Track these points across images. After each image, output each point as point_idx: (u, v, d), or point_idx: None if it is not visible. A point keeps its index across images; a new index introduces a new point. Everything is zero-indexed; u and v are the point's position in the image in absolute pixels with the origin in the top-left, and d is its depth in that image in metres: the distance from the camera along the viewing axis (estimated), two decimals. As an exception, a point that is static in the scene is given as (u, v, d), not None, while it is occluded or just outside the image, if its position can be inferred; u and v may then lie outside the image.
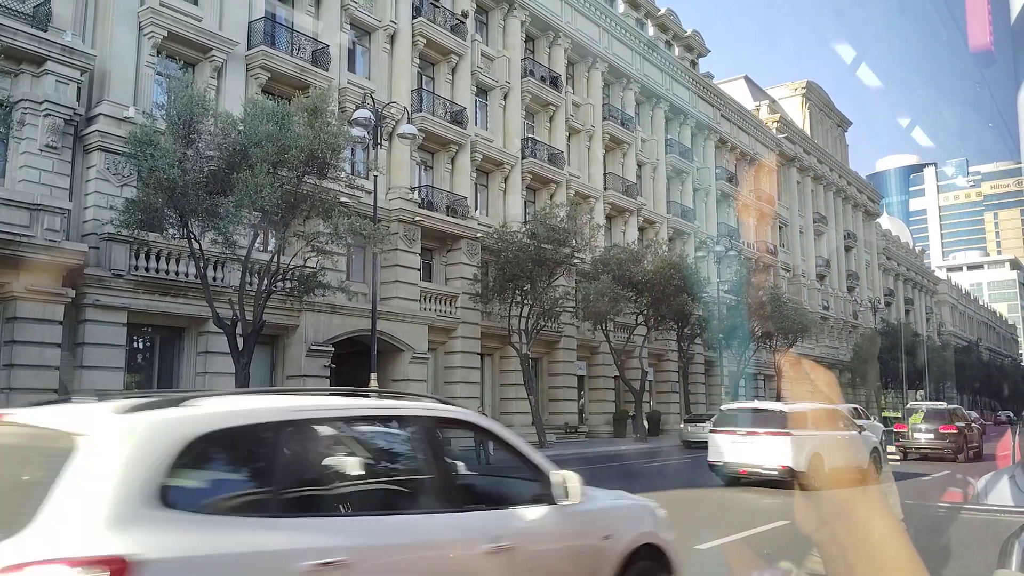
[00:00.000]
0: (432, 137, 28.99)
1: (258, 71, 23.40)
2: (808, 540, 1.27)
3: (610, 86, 41.21)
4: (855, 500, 1.27)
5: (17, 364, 17.42)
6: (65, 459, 3.09)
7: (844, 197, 69.28)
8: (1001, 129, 2.98)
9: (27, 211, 17.19)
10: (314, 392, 6.16)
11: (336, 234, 18.44)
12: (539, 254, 27.55)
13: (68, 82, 19.16)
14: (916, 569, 1.16)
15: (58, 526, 2.93)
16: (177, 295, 20.50)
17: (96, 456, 3.14)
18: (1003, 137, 3.02)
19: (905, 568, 1.14)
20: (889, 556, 1.15)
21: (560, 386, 33.69)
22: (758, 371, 48.44)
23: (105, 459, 3.15)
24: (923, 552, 1.15)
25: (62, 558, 2.83)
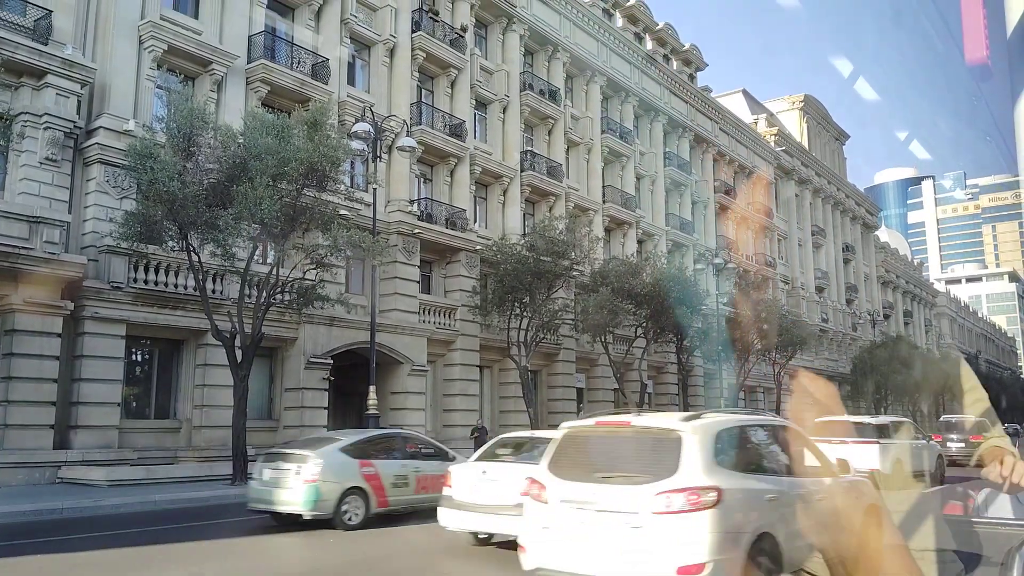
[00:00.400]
0: (431, 150, 29.06)
1: (258, 84, 23.48)
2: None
3: (609, 99, 41.37)
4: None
5: (15, 376, 17.39)
6: (677, 444, 6.47)
7: (842, 210, 69.43)
8: (998, 142, 3.00)
9: (26, 223, 17.21)
10: (751, 412, 11.06)
11: (335, 247, 18.45)
12: (538, 266, 27.56)
13: (68, 95, 19.21)
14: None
15: (687, 473, 6.27)
16: (176, 307, 20.49)
17: (689, 442, 6.48)
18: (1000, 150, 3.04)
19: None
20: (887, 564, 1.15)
21: (559, 398, 33.62)
22: (757, 384, 48.40)
23: (694, 443, 6.49)
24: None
25: (697, 486, 6.20)
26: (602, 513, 6.27)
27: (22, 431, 17.38)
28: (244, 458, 17.54)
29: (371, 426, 20.17)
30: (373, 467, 12.39)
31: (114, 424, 19.16)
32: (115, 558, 9.65)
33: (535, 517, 6.80)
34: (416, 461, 13.45)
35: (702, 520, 6.03)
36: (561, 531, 6.53)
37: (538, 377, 33.29)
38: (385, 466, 12.65)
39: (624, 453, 6.98)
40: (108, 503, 14.22)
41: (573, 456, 6.99)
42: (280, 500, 11.73)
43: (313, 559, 10.24)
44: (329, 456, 12.01)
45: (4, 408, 17.29)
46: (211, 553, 10.07)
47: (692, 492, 6.15)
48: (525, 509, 7.02)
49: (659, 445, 6.69)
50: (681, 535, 6.00)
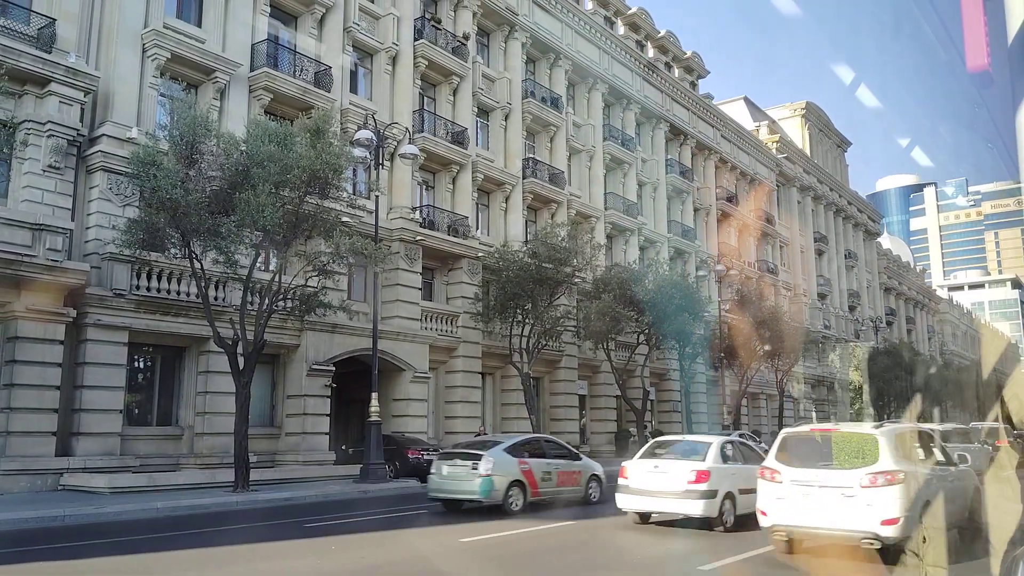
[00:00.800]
0: (433, 157, 29.11)
1: (261, 92, 23.55)
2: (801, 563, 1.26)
3: (610, 107, 41.45)
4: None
5: (18, 384, 17.40)
6: (875, 443, 9.30)
7: (845, 217, 69.42)
8: (1000, 149, 3.00)
9: (29, 231, 17.24)
10: (900, 421, 16.71)
11: (337, 254, 18.48)
12: (540, 273, 27.57)
13: (71, 103, 19.27)
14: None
15: (884, 461, 9.07)
16: (178, 315, 20.50)
17: (883, 441, 9.30)
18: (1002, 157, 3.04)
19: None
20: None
21: (561, 405, 33.58)
22: (760, 391, 48.31)
23: (885, 442, 9.29)
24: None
25: (891, 469, 9.01)
26: (824, 488, 9.34)
27: (24, 438, 17.38)
28: (246, 465, 17.52)
29: (373, 434, 20.25)
30: (528, 464, 15.07)
31: (116, 431, 19.16)
32: (116, 565, 9.63)
33: (770, 492, 9.83)
34: (556, 460, 15.98)
35: (895, 491, 8.97)
36: (792, 500, 9.53)
37: (540, 384, 33.26)
38: (535, 464, 15.29)
39: (838, 449, 9.93)
40: (110, 510, 14.21)
41: (794, 451, 10.13)
42: (461, 490, 14.58)
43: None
44: (497, 455, 14.68)
45: (7, 415, 17.29)
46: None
47: (888, 474, 9.05)
48: (760, 487, 10.01)
49: (863, 443, 9.56)
50: (882, 500, 8.94)
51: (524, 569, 9.93)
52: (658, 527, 12.63)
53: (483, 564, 10.12)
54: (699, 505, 11.68)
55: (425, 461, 22.01)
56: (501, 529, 12.53)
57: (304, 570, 9.27)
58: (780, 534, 9.88)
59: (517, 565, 10.11)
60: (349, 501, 17.46)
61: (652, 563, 10.50)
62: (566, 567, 9.95)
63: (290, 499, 17.01)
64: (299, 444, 22.46)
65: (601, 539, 11.80)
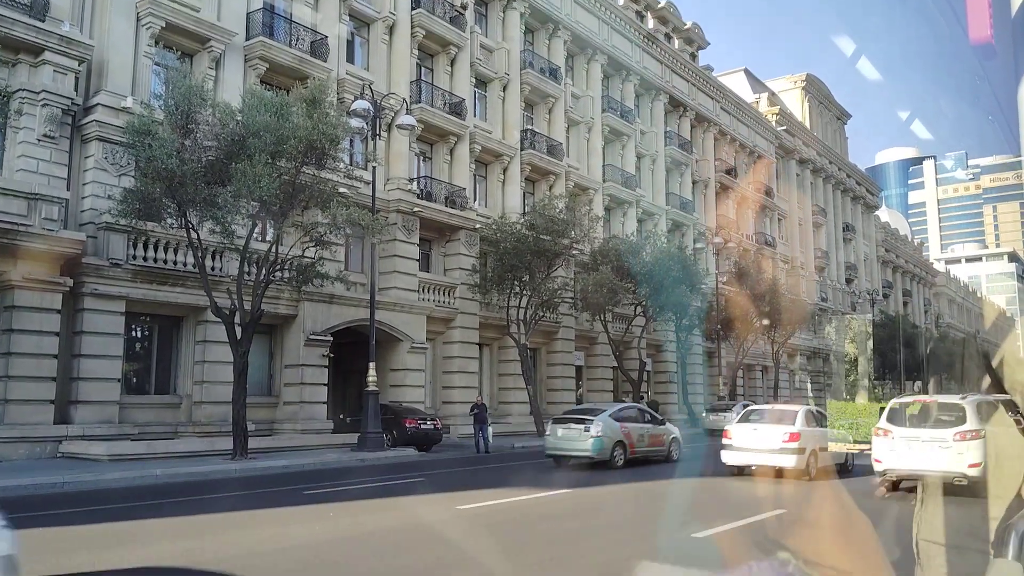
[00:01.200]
0: (431, 128, 28.93)
1: (256, 62, 23.32)
2: (802, 528, 1.28)
3: (609, 78, 41.13)
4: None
5: (15, 352, 17.44)
6: (963, 409, 12.57)
7: (843, 190, 69.28)
8: (1001, 122, 2.98)
9: (25, 200, 17.17)
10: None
11: (334, 224, 18.44)
12: (538, 245, 27.55)
13: (66, 72, 19.08)
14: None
15: (970, 423, 12.22)
16: (175, 284, 20.49)
17: (968, 408, 12.47)
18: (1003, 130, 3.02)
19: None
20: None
21: (558, 376, 33.73)
22: (756, 362, 48.53)
23: (971, 408, 12.48)
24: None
25: (975, 428, 12.15)
26: (925, 442, 12.55)
27: (23, 406, 17.45)
28: (244, 433, 17.63)
29: (371, 403, 20.40)
30: (627, 428, 18.19)
31: (114, 400, 19.24)
32: (115, 530, 9.72)
33: (883, 446, 12.90)
34: (646, 425, 19.05)
35: (979, 444, 11.95)
36: (900, 452, 12.69)
37: (537, 355, 33.38)
38: (633, 427, 18.40)
39: (934, 414, 13.16)
40: (109, 477, 14.32)
41: (901, 415, 13.32)
42: (575, 448, 17.65)
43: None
44: (605, 420, 17.72)
45: (5, 383, 17.36)
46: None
47: (973, 432, 12.07)
48: (875, 442, 13.09)
49: (954, 409, 12.73)
50: (969, 450, 11.98)
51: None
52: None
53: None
54: (792, 459, 14.69)
55: (422, 430, 22.24)
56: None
57: (303, 535, 9.37)
58: (890, 476, 13.12)
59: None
60: (347, 469, 17.60)
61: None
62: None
63: (288, 467, 17.15)
64: (297, 413, 22.59)
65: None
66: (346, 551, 8.67)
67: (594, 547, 8.96)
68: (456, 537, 9.57)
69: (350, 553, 8.58)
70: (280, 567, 7.76)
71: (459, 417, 27.22)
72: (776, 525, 10.49)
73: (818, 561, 1.06)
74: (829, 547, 3.57)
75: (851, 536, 5.76)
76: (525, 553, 8.57)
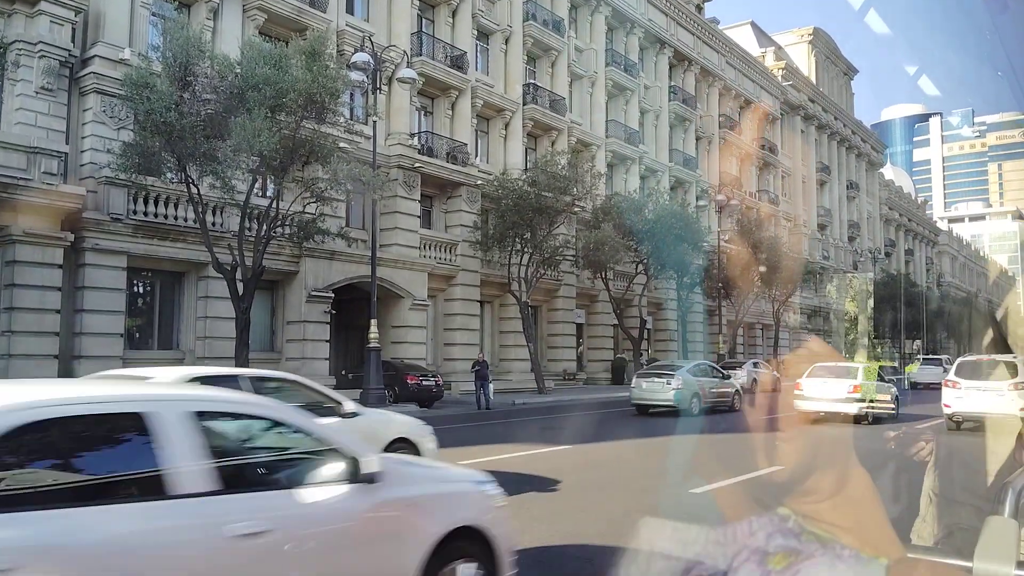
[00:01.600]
0: (432, 82, 28.61)
1: (255, 12, 22.98)
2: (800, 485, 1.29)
3: (613, 31, 40.51)
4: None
5: (17, 307, 17.49)
6: (1015, 364, 15.28)
7: (848, 147, 68.71)
8: (1010, 78, 2.92)
9: (24, 154, 17.06)
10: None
11: (335, 180, 18.33)
12: (540, 202, 27.43)
13: (63, 23, 18.82)
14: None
15: (1020, 376, 15.38)
16: (176, 240, 20.46)
17: (1020, 363, 15.05)
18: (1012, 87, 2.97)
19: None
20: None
21: (559, 334, 33.87)
22: (756, 320, 48.65)
23: (1021, 363, 15.03)
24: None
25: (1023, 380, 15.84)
26: (985, 391, 15.39)
27: (26, 361, 17.55)
28: (247, 389, 17.74)
29: (372, 360, 20.51)
30: (701, 382, 21.12)
31: (117, 355, 19.35)
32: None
33: (952, 394, 16.15)
34: (714, 379, 22.12)
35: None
36: (966, 398, 15.77)
37: (538, 312, 33.47)
38: (705, 381, 21.43)
39: (992, 369, 15.84)
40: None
41: (967, 370, 16.48)
42: (658, 399, 20.42)
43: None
44: (683, 374, 20.67)
45: (7, 338, 17.44)
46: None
47: (1021, 383, 15.02)
48: (944, 392, 16.52)
49: (1008, 365, 15.26)
50: (1020, 397, 14.86)
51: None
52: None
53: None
54: (854, 407, 17.09)
55: (423, 386, 22.39)
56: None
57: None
58: (956, 418, 16.04)
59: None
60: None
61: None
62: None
63: (291, 423, 17.27)
64: (299, 369, 22.66)
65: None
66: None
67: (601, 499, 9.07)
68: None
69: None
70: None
71: (460, 374, 27.40)
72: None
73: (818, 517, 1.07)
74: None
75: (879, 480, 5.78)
76: (526, 507, 8.69)
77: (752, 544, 0.99)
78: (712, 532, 1.05)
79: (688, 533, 1.06)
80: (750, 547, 0.99)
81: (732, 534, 1.03)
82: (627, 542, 1.63)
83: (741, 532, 1.03)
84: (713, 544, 1.03)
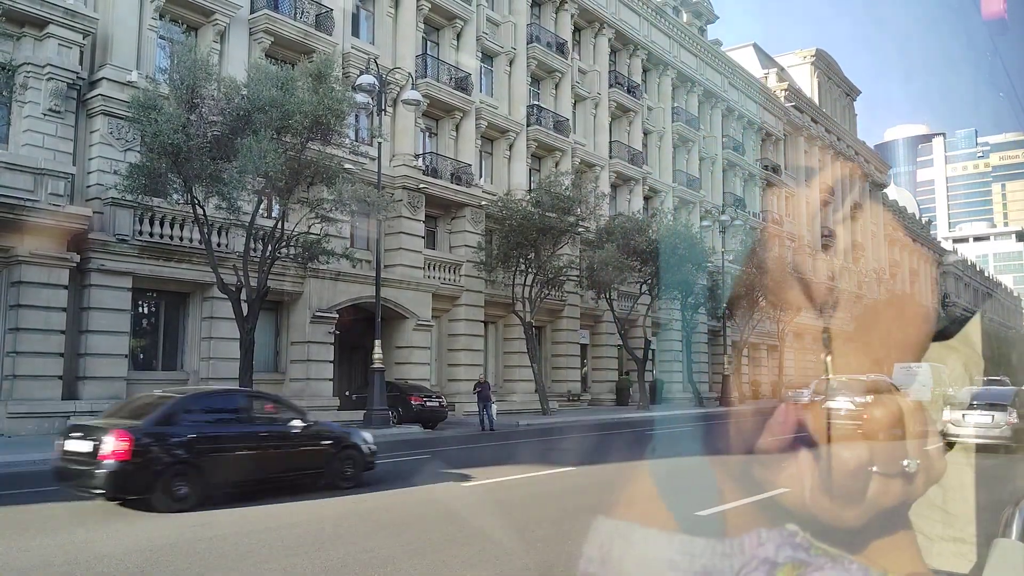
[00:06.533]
0: (437, 104, 28.78)
1: (261, 35, 23.19)
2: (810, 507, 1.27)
3: (617, 53, 40.78)
4: None
5: (23, 328, 17.52)
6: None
7: (851, 167, 68.81)
8: (1012, 99, 2.93)
9: (31, 175, 17.17)
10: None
11: (340, 201, 18.40)
12: (543, 222, 27.48)
13: (71, 45, 19.01)
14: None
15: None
16: (182, 260, 20.52)
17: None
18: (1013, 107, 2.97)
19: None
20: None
21: (563, 354, 33.79)
22: (761, 341, 48.50)
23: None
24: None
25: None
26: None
27: (31, 381, 17.57)
28: (251, 410, 17.70)
29: (376, 381, 20.48)
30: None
31: (122, 375, 19.35)
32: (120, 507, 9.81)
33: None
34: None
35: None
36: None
37: (542, 333, 33.43)
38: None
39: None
40: (117, 453, 14.40)
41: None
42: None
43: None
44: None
45: (13, 359, 17.45)
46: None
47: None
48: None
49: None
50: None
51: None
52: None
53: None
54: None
55: (427, 407, 22.32)
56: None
57: (305, 512, 9.45)
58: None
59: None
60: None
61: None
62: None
63: (294, 443, 17.20)
64: (303, 390, 22.68)
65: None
66: (353, 527, 8.74)
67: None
68: (464, 513, 9.64)
69: (358, 528, 8.64)
70: (288, 541, 7.82)
71: (464, 395, 27.33)
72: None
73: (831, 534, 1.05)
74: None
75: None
76: (530, 529, 8.63)
77: (759, 556, 0.98)
78: (718, 545, 1.03)
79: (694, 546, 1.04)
80: (757, 560, 0.98)
81: (739, 547, 1.02)
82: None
83: (748, 544, 1.02)
84: (720, 557, 1.02)
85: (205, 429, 10.08)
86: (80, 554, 7.08)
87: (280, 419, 11.14)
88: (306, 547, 7.53)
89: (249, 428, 10.67)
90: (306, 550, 7.37)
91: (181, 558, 7.06)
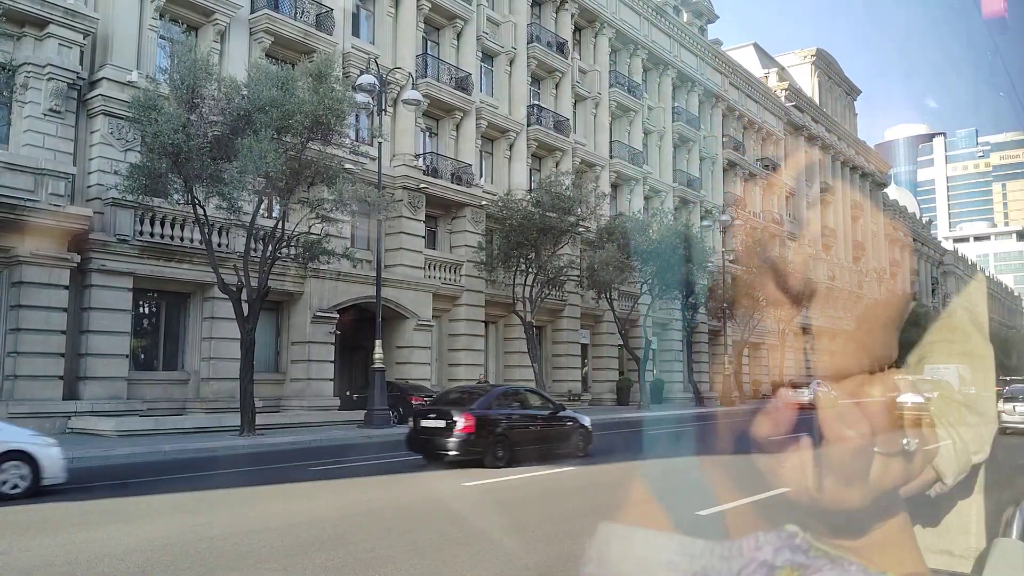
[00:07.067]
0: (437, 103, 28.78)
1: (261, 35, 23.19)
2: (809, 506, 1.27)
3: (617, 52, 40.78)
4: None
5: (23, 328, 17.53)
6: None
7: (852, 167, 68.83)
8: (1012, 98, 2.94)
9: (32, 175, 17.18)
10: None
11: (340, 201, 18.40)
12: (544, 222, 27.48)
13: (71, 46, 19.02)
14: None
15: None
16: (182, 261, 20.53)
17: None
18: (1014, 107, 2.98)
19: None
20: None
21: (564, 354, 33.79)
22: (761, 340, 48.48)
23: None
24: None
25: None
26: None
27: (32, 382, 17.58)
28: (251, 410, 17.72)
29: (377, 380, 20.48)
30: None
31: (123, 376, 19.36)
32: (122, 506, 9.82)
33: None
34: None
35: None
36: None
37: (543, 333, 33.43)
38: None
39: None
40: (117, 453, 14.43)
41: None
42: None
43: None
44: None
45: (14, 359, 17.47)
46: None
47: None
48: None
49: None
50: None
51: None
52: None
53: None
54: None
55: (428, 407, 22.34)
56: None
57: (311, 511, 9.45)
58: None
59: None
60: (354, 446, 17.70)
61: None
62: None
63: (295, 443, 17.26)
64: (304, 390, 22.70)
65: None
66: (355, 526, 8.75)
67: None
68: (464, 513, 9.64)
69: (359, 528, 8.65)
70: (288, 542, 7.83)
71: (465, 393, 27.31)
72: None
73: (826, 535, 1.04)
74: None
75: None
76: (530, 529, 8.63)
77: (759, 558, 0.98)
78: (718, 546, 1.04)
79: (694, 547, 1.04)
80: (755, 562, 0.98)
81: (738, 549, 1.02)
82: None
83: (748, 546, 1.02)
84: (719, 558, 1.02)
85: (509, 412, 14.37)
86: (81, 554, 7.09)
87: (544, 406, 15.41)
88: (306, 547, 7.53)
89: (531, 412, 15.08)
90: (306, 550, 7.37)
91: (181, 558, 7.07)
